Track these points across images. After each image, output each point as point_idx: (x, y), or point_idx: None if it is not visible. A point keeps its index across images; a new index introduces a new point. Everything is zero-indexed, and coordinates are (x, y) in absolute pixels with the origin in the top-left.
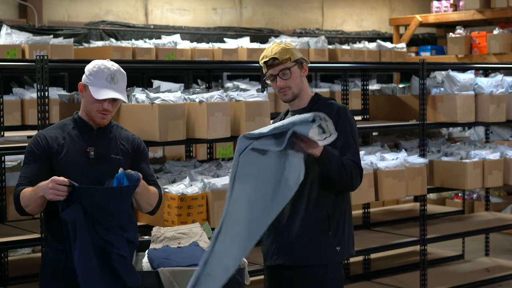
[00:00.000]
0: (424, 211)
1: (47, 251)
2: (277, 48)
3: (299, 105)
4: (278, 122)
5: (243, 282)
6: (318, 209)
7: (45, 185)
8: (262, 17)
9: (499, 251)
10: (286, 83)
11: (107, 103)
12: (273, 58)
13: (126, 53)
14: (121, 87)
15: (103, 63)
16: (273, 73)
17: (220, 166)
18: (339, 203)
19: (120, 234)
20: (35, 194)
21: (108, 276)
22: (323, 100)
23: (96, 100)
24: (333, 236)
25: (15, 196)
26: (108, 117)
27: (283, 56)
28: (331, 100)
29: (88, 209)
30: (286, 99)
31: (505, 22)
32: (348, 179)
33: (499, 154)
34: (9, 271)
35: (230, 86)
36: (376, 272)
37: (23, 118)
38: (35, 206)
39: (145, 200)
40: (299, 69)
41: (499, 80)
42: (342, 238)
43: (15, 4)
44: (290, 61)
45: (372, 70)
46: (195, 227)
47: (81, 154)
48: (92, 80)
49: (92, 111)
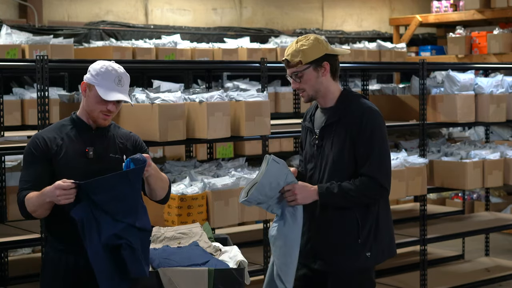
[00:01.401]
0: (424, 211)
1: (48, 251)
2: (292, 48)
3: (325, 104)
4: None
5: (243, 282)
6: (346, 219)
7: (51, 192)
8: (262, 17)
9: (499, 251)
10: (299, 85)
11: (111, 104)
12: (286, 60)
13: (126, 53)
14: (126, 89)
15: (110, 65)
16: (288, 74)
17: (220, 166)
18: (370, 207)
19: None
20: (42, 200)
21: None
22: (352, 99)
23: (101, 101)
24: (363, 244)
25: (20, 201)
26: (109, 118)
27: (294, 59)
28: (361, 98)
29: (98, 203)
30: (304, 101)
31: (505, 22)
32: (363, 200)
33: (499, 154)
34: (9, 271)
35: (230, 86)
36: (376, 272)
37: (23, 118)
38: (43, 210)
39: (159, 184)
40: (314, 70)
41: (499, 80)
42: (375, 244)
43: (15, 4)
44: (301, 64)
45: (372, 70)
46: (195, 227)
47: (80, 154)
48: (99, 80)
49: (95, 111)
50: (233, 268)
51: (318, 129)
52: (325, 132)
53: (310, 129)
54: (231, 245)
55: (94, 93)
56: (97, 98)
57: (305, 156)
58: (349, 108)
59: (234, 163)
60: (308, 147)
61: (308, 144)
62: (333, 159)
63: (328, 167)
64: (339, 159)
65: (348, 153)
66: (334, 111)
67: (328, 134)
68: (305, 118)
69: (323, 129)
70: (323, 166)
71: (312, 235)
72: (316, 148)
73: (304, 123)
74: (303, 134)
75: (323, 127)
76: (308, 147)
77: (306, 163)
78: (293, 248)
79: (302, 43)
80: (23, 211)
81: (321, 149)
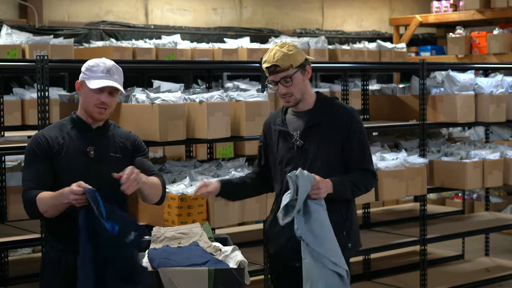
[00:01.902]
0: (424, 211)
1: (48, 251)
2: (279, 53)
3: (303, 108)
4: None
5: (243, 282)
6: (333, 214)
7: (68, 194)
8: (262, 17)
9: (499, 251)
10: (288, 90)
11: (104, 95)
12: (275, 65)
13: (126, 53)
14: (117, 79)
15: (101, 60)
16: (275, 79)
17: (220, 166)
18: (350, 203)
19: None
20: (59, 200)
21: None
22: (328, 103)
23: (93, 93)
24: (347, 236)
25: (30, 200)
26: (106, 112)
27: (285, 64)
28: (335, 101)
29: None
30: (289, 106)
31: (505, 22)
32: (363, 192)
33: (499, 154)
34: (9, 271)
35: (230, 86)
36: (376, 272)
37: (23, 118)
38: (56, 211)
39: (152, 191)
40: (301, 74)
41: (499, 80)
42: (353, 234)
43: (15, 4)
44: (292, 67)
45: (372, 70)
46: (195, 227)
47: (81, 153)
48: (88, 74)
49: (89, 106)
50: (233, 268)
51: (297, 132)
52: (308, 134)
53: (286, 132)
54: (231, 245)
55: (86, 88)
56: (89, 92)
57: (280, 160)
58: (331, 111)
59: (234, 163)
60: (283, 151)
61: (283, 147)
62: (320, 158)
63: (313, 167)
64: (326, 158)
65: (334, 153)
66: (313, 114)
67: (312, 135)
68: (273, 123)
69: (305, 131)
70: (306, 167)
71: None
72: (296, 150)
73: (276, 127)
74: (273, 139)
75: (306, 129)
76: (284, 151)
77: (283, 166)
78: (327, 236)
79: (288, 49)
80: (33, 210)
81: (302, 150)
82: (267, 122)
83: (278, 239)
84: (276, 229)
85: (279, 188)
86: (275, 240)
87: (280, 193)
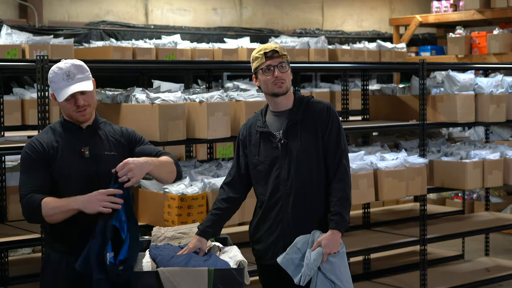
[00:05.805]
0: (424, 211)
1: (48, 251)
2: (275, 45)
3: (286, 105)
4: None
5: (243, 282)
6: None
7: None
8: (262, 17)
9: (499, 251)
10: (282, 75)
11: (77, 99)
12: (274, 50)
13: (126, 53)
14: (80, 78)
15: (56, 65)
16: (272, 63)
17: (220, 166)
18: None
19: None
20: (66, 206)
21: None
22: (306, 102)
23: (66, 102)
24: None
25: (35, 204)
26: (87, 112)
27: (283, 52)
28: (312, 99)
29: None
30: (281, 91)
31: (505, 22)
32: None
33: (499, 154)
34: (9, 271)
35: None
36: (376, 272)
37: (23, 118)
38: (61, 217)
39: (164, 170)
40: (290, 69)
41: (499, 80)
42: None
43: (15, 4)
44: (287, 58)
45: (372, 70)
46: (195, 227)
47: (76, 155)
48: (53, 86)
49: (70, 112)
50: (233, 268)
51: (279, 131)
52: (289, 132)
53: (269, 133)
54: (231, 245)
55: (58, 99)
56: (62, 102)
57: (263, 161)
58: (310, 108)
59: None
60: (267, 152)
61: (266, 148)
62: (303, 154)
63: (297, 162)
64: (309, 153)
65: (316, 146)
66: (294, 112)
67: (294, 133)
68: (254, 126)
69: (287, 129)
70: (291, 163)
71: (285, 231)
72: (281, 149)
73: (259, 129)
74: (253, 142)
75: (288, 127)
76: (268, 151)
77: (267, 167)
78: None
79: (280, 45)
80: (35, 214)
81: (287, 149)
82: (246, 127)
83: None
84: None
85: (265, 189)
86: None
87: (265, 193)
